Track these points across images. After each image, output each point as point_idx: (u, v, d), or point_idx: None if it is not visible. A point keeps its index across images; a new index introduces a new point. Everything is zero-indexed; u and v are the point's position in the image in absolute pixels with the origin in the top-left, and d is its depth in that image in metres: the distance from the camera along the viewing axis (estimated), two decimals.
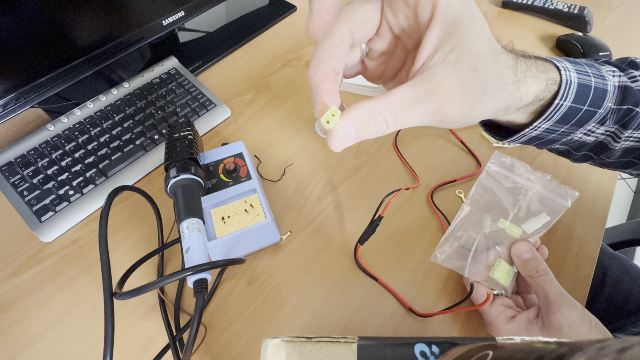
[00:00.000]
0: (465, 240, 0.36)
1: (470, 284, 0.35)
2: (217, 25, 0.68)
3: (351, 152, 0.50)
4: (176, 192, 0.35)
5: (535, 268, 0.33)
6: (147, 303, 0.38)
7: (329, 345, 0.21)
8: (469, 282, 0.35)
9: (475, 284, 0.35)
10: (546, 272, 0.33)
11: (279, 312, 0.37)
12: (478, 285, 0.35)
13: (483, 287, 0.35)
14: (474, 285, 0.35)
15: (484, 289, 0.35)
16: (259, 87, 0.58)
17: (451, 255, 0.36)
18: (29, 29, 0.42)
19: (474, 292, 0.35)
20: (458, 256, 0.36)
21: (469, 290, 0.35)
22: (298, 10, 0.72)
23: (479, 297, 0.34)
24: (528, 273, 0.33)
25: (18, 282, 0.40)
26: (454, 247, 0.36)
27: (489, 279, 0.35)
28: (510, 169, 0.36)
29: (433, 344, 0.21)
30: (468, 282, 0.36)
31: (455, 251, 0.36)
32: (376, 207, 0.43)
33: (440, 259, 0.36)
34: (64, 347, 0.36)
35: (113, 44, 0.50)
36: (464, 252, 0.36)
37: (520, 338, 0.20)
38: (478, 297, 0.35)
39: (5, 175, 0.44)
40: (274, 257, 0.41)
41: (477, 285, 0.35)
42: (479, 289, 0.35)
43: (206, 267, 0.29)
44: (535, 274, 0.33)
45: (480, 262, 0.35)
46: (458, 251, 0.36)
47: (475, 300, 0.35)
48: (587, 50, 0.58)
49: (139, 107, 0.52)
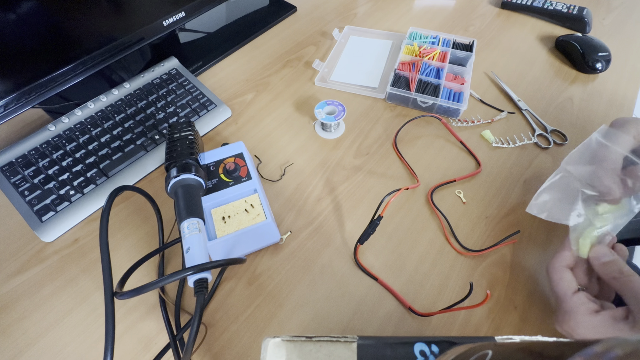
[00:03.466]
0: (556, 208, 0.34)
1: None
2: (217, 25, 0.68)
3: (351, 152, 0.50)
4: (177, 192, 0.35)
5: (619, 269, 0.31)
6: (148, 303, 0.38)
7: (329, 345, 0.21)
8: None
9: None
10: (632, 273, 0.30)
11: (279, 311, 0.37)
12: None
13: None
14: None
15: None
16: (259, 87, 0.58)
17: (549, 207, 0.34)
18: (30, 29, 0.42)
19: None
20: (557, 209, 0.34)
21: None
22: (298, 11, 0.72)
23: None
24: (611, 275, 0.31)
25: (19, 282, 0.40)
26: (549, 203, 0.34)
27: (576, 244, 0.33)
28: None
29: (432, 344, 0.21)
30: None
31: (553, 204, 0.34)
32: (376, 207, 0.43)
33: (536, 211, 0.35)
34: (64, 347, 0.36)
35: (114, 44, 0.50)
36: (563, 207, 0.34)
37: (520, 338, 0.20)
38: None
39: (6, 175, 0.44)
40: (274, 257, 0.41)
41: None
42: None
43: (207, 267, 0.29)
44: (620, 275, 0.31)
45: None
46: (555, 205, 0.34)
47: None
48: (587, 50, 0.58)
49: (139, 108, 0.52)
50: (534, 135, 0.51)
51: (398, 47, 0.64)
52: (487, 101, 0.56)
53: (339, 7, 0.73)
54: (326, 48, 0.65)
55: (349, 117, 0.54)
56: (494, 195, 0.46)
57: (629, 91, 0.57)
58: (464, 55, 0.59)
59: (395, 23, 0.70)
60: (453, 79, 0.56)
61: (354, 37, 0.66)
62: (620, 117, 0.35)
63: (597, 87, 0.58)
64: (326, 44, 0.66)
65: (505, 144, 0.50)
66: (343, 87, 0.58)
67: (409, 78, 0.55)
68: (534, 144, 0.50)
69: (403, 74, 0.56)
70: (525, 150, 0.50)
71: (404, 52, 0.59)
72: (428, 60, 0.57)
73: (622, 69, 0.60)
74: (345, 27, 0.68)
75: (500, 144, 0.50)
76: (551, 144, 0.50)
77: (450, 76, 0.56)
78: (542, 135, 0.51)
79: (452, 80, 0.55)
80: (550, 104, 0.55)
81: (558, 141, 0.51)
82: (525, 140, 0.50)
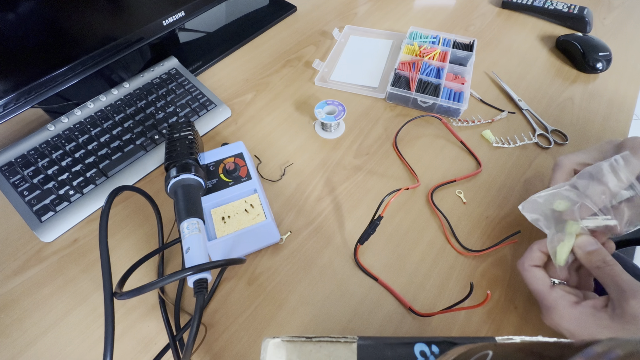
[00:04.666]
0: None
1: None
2: (217, 25, 0.68)
3: (351, 152, 0.50)
4: (176, 192, 0.35)
5: (602, 259, 0.31)
6: (148, 303, 0.38)
7: (329, 345, 0.21)
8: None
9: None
10: (615, 263, 0.31)
11: (279, 312, 0.37)
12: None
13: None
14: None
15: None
16: (259, 87, 0.58)
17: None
18: (30, 29, 0.42)
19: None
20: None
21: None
22: (298, 11, 0.72)
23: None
24: (594, 264, 0.32)
25: (18, 282, 0.40)
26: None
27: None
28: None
29: (433, 344, 0.21)
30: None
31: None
32: (376, 207, 0.43)
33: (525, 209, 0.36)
34: (64, 347, 0.36)
35: (113, 44, 0.50)
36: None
37: (520, 338, 0.20)
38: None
39: (6, 175, 0.44)
40: (274, 257, 0.41)
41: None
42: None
43: (206, 267, 0.29)
44: (603, 264, 0.31)
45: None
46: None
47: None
48: (587, 50, 0.58)
49: (139, 107, 0.52)
50: (534, 135, 0.51)
51: (398, 46, 0.64)
52: (487, 101, 0.56)
53: (339, 7, 0.73)
54: (326, 48, 0.65)
55: (349, 117, 0.54)
56: (494, 195, 0.45)
57: (630, 91, 0.57)
58: (464, 55, 0.59)
59: (396, 23, 0.70)
60: (453, 78, 0.56)
61: (354, 37, 0.66)
62: (632, 137, 0.35)
63: (597, 87, 0.58)
64: (326, 43, 0.66)
65: (506, 144, 0.50)
66: (343, 87, 0.58)
67: (409, 78, 0.55)
68: (535, 143, 0.50)
69: (403, 74, 0.56)
70: (526, 150, 0.50)
71: (404, 52, 0.59)
72: (428, 60, 0.57)
73: (622, 69, 0.60)
74: (345, 27, 0.68)
75: (500, 144, 0.50)
76: (552, 144, 0.50)
77: (450, 76, 0.56)
78: (542, 135, 0.51)
79: (453, 80, 0.55)
80: (550, 104, 0.55)
81: (559, 141, 0.51)
82: (525, 140, 0.50)
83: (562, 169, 0.37)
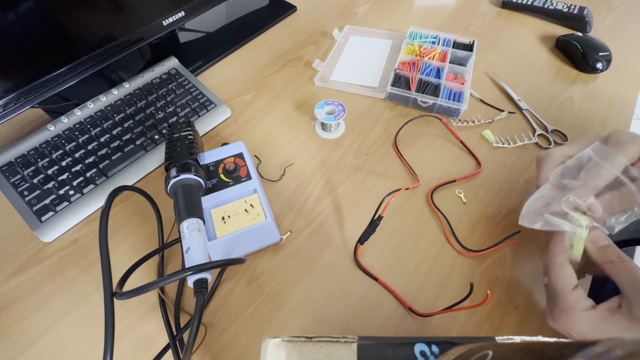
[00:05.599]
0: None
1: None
2: (217, 25, 0.68)
3: (351, 152, 0.50)
4: (176, 192, 0.35)
5: (617, 254, 0.30)
6: (148, 303, 0.38)
7: (328, 345, 0.21)
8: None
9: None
10: (629, 259, 0.30)
11: (279, 312, 0.37)
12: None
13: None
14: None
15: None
16: (259, 87, 0.58)
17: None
18: (30, 29, 0.42)
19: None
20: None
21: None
22: (298, 11, 0.72)
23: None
24: (608, 259, 0.30)
25: (18, 282, 0.40)
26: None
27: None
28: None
29: (433, 344, 0.21)
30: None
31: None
32: (376, 207, 0.43)
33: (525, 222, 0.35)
34: (64, 347, 0.36)
35: (113, 44, 0.50)
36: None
37: (520, 338, 0.20)
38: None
39: (6, 175, 0.44)
40: (274, 257, 0.41)
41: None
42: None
43: (206, 267, 0.29)
44: (618, 259, 0.30)
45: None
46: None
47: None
48: (587, 50, 0.58)
49: (139, 107, 0.52)
50: (534, 135, 0.51)
51: (398, 46, 0.64)
52: (487, 101, 0.56)
53: (339, 7, 0.73)
54: (326, 48, 0.65)
55: (349, 117, 0.54)
56: (494, 196, 0.45)
57: (630, 91, 0.57)
58: (464, 55, 0.59)
59: (396, 23, 0.70)
60: (453, 78, 0.56)
61: (354, 37, 0.66)
62: (618, 130, 0.35)
63: (597, 87, 0.58)
64: (326, 43, 0.66)
65: (506, 144, 0.50)
66: (343, 87, 0.58)
67: (409, 78, 0.55)
68: (535, 143, 0.50)
69: (403, 74, 0.56)
70: (526, 150, 0.50)
71: (404, 52, 0.59)
72: (428, 60, 0.57)
73: (622, 69, 0.60)
74: (345, 27, 0.68)
75: (500, 144, 0.50)
76: (552, 144, 0.50)
77: (450, 76, 0.56)
78: (542, 135, 0.51)
79: (453, 80, 0.55)
80: (550, 104, 0.55)
81: (559, 141, 0.51)
82: (525, 140, 0.50)
83: (550, 161, 0.37)
